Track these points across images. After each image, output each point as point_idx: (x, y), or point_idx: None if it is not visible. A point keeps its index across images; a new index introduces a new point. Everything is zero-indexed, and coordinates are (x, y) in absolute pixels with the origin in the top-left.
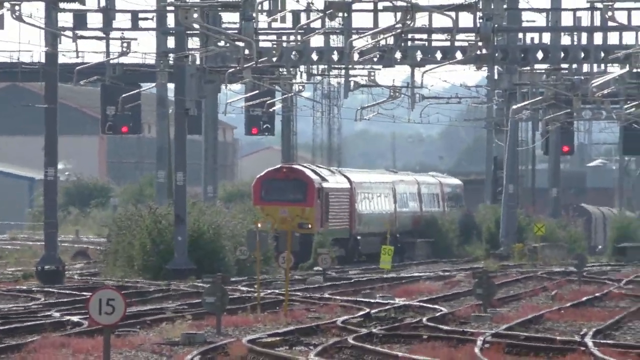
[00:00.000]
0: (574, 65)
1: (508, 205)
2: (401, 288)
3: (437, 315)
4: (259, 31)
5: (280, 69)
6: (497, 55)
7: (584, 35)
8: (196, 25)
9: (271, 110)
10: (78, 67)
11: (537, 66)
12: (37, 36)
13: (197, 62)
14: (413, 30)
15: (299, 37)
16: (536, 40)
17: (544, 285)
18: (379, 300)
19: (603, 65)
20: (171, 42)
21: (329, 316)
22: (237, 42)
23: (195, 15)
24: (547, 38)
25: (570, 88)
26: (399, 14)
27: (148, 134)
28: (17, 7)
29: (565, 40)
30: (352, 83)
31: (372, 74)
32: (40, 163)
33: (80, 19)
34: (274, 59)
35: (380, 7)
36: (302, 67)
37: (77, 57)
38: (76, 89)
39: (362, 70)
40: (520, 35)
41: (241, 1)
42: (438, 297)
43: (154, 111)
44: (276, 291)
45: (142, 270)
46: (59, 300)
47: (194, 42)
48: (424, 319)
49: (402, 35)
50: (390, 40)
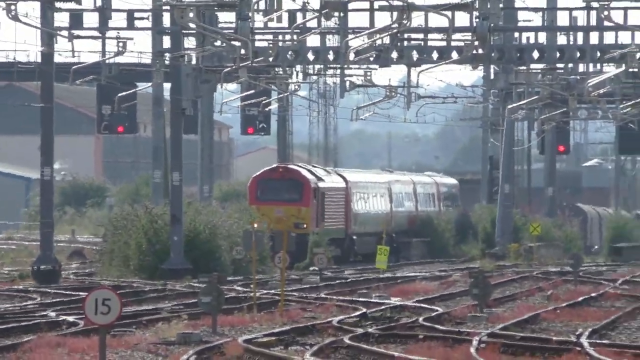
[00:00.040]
0: (570, 65)
1: (504, 205)
2: (397, 288)
3: (433, 315)
4: (255, 31)
5: (276, 69)
6: (493, 54)
7: (580, 35)
8: (192, 25)
9: (267, 109)
10: (74, 67)
11: (533, 66)
12: (33, 36)
13: (193, 61)
14: (409, 30)
15: (295, 36)
16: (532, 40)
17: (540, 285)
18: (375, 300)
19: (599, 65)
20: (167, 42)
21: (324, 316)
22: (233, 42)
23: (191, 14)
24: (543, 38)
25: (566, 88)
26: (395, 14)
27: (144, 133)
28: (13, 7)
29: (561, 39)
30: (348, 83)
31: (368, 73)
32: (37, 163)
33: (76, 19)
34: (270, 59)
35: (376, 6)
36: (298, 67)
37: (73, 56)
38: (72, 88)
39: (358, 70)
40: (516, 34)
41: (237, 1)
42: (434, 297)
43: (150, 111)
44: (272, 291)
45: (138, 270)
46: (54, 300)
47: (189, 42)
48: (420, 319)
49: (398, 34)
50: (387, 40)
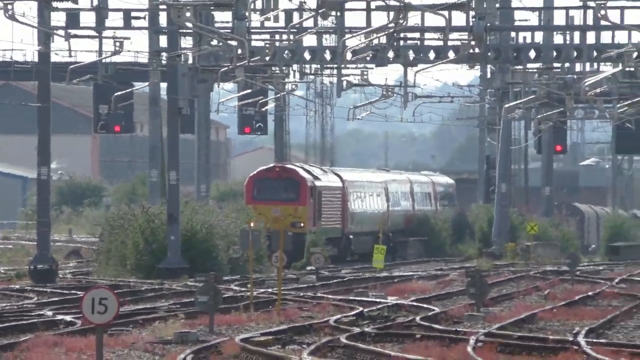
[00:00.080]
0: (567, 64)
1: (501, 204)
2: (394, 287)
3: (430, 314)
4: (252, 30)
5: (273, 68)
6: (489, 54)
7: (577, 34)
8: (189, 24)
9: (264, 109)
10: (71, 66)
11: (529, 65)
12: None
13: (190, 61)
14: (406, 30)
15: (291, 36)
16: (529, 39)
17: (537, 285)
18: (372, 300)
19: (596, 64)
20: (164, 41)
21: (321, 315)
22: (229, 41)
23: (188, 14)
24: (539, 37)
25: (563, 87)
26: (392, 13)
27: (141, 133)
28: (9, 6)
29: (557, 39)
30: (344, 82)
31: (365, 73)
32: (33, 162)
33: (73, 18)
34: (267, 58)
35: (373, 6)
36: (295, 66)
37: (70, 56)
38: (69, 88)
39: (354, 70)
40: (512, 34)
41: (234, 0)
42: (431, 297)
43: (147, 110)
44: (269, 290)
45: (135, 270)
46: (51, 300)
47: (186, 41)
48: (417, 318)
49: (395, 34)
50: (383, 40)
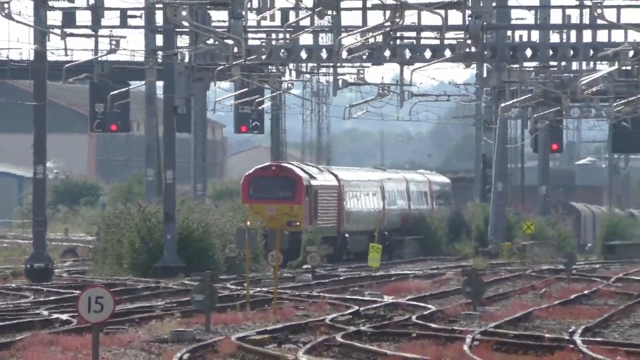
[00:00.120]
0: (563, 63)
1: (497, 203)
2: (390, 286)
3: (426, 313)
4: (248, 29)
5: (269, 67)
6: (486, 53)
7: (573, 33)
8: (185, 23)
9: (260, 108)
10: (67, 65)
11: (526, 64)
12: (26, 34)
13: (186, 59)
14: (402, 28)
15: (287, 35)
16: (525, 38)
17: (533, 284)
18: (368, 298)
19: (592, 63)
20: (160, 40)
21: (317, 314)
22: (226, 40)
23: (184, 13)
24: (536, 36)
25: (559, 86)
26: (388, 12)
27: (137, 131)
28: (6, 5)
29: (554, 37)
30: (341, 81)
31: (361, 71)
32: (29, 161)
33: (69, 17)
34: (263, 57)
35: (369, 4)
36: (291, 65)
37: (66, 55)
38: (65, 86)
39: (351, 68)
40: (509, 32)
41: None
42: (427, 295)
43: (143, 109)
44: (265, 289)
45: (131, 268)
46: (48, 298)
47: (183, 40)
48: (413, 317)
49: (391, 33)
50: (379, 38)
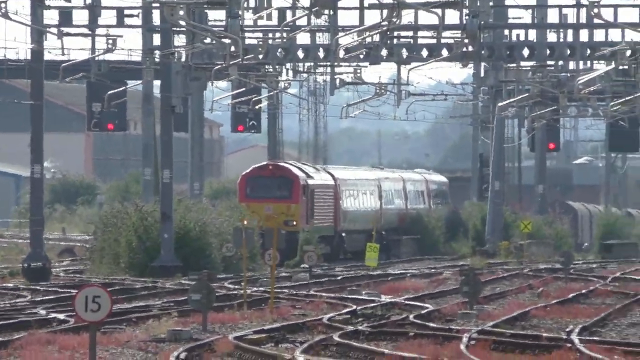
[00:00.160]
0: (560, 62)
1: (494, 202)
2: (387, 285)
3: (423, 312)
4: (245, 28)
5: (266, 66)
6: (483, 52)
7: (570, 32)
8: (182, 22)
9: (257, 107)
10: (64, 64)
11: (523, 63)
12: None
13: (183, 59)
14: (399, 28)
15: (284, 34)
16: (522, 37)
17: (530, 283)
18: (365, 298)
19: (589, 63)
20: (157, 39)
21: (315, 313)
22: (223, 39)
23: (181, 12)
24: (533, 35)
25: (556, 85)
26: (385, 11)
27: (134, 131)
28: (3, 4)
29: (551, 37)
30: (338, 80)
31: (358, 71)
32: (27, 160)
33: (66, 16)
34: (260, 56)
35: (366, 4)
36: (288, 65)
37: (63, 54)
38: (62, 86)
39: (348, 68)
40: (506, 32)
41: None
42: (424, 295)
43: (140, 108)
44: (262, 288)
45: (128, 268)
46: (45, 298)
47: (179, 39)
48: (411, 316)
49: (388, 32)
50: (376, 38)
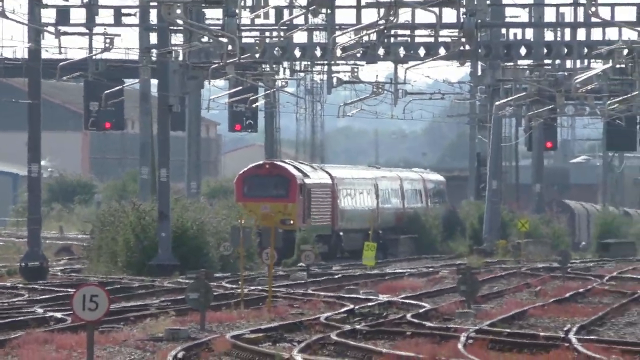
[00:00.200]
0: (557, 61)
1: (491, 201)
2: (385, 284)
3: (421, 311)
4: (242, 27)
5: (263, 65)
6: (480, 51)
7: (567, 31)
8: (179, 21)
9: (254, 106)
10: (61, 63)
11: (520, 62)
12: (20, 32)
13: (180, 58)
14: (396, 26)
15: (281, 33)
16: (519, 36)
17: (528, 282)
18: (363, 297)
19: (586, 61)
20: (154, 38)
21: (312, 312)
22: (220, 38)
23: (178, 11)
24: (530, 34)
25: (554, 84)
26: (382, 10)
27: (131, 130)
28: (0, 3)
29: (548, 36)
30: (335, 79)
31: (355, 70)
32: (24, 159)
33: (63, 15)
34: (257, 55)
35: (363, 2)
36: (285, 63)
37: (60, 53)
38: (59, 84)
39: (345, 67)
40: (503, 31)
41: None
42: (422, 294)
43: (137, 107)
44: (260, 287)
45: (125, 267)
46: (42, 297)
47: (177, 38)
48: (408, 315)
49: (385, 31)
50: (374, 37)
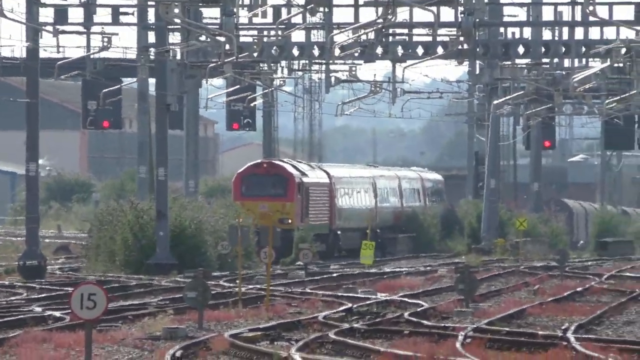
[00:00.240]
0: (555, 60)
1: (489, 200)
2: (383, 283)
3: (419, 310)
4: (240, 26)
5: (261, 64)
6: (478, 50)
7: (565, 30)
8: (177, 20)
9: (252, 105)
10: (59, 62)
11: (518, 61)
12: (18, 31)
13: (178, 57)
14: (394, 25)
15: (279, 32)
16: (517, 35)
17: (526, 280)
18: (361, 295)
19: (584, 60)
20: (152, 37)
21: (310, 311)
22: (218, 37)
23: (176, 10)
24: (528, 33)
25: (552, 83)
26: (380, 9)
27: (129, 129)
28: None
29: (546, 35)
30: (333, 78)
31: (353, 69)
32: (22, 158)
33: (61, 14)
34: (255, 54)
35: (361, 1)
36: (283, 62)
37: (58, 52)
38: (57, 83)
39: (343, 66)
40: (501, 29)
41: None
42: (420, 292)
43: (135, 106)
44: (258, 286)
45: (123, 265)
46: (40, 296)
47: (175, 37)
48: (406, 314)
49: (383, 30)
50: (372, 35)
